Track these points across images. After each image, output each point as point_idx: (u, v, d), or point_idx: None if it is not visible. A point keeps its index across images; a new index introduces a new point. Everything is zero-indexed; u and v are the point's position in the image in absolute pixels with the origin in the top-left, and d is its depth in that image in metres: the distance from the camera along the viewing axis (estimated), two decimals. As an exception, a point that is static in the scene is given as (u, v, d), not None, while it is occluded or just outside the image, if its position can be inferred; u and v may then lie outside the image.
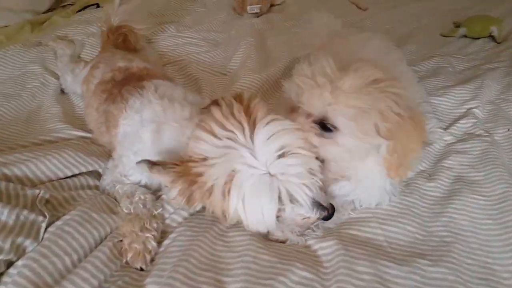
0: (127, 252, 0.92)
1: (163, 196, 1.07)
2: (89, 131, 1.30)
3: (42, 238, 0.92)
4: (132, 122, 1.06)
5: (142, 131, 1.02)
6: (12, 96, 1.48)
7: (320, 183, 0.87)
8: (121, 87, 1.16)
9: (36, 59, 1.66)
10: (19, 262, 0.85)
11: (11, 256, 0.87)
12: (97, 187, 1.14)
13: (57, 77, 1.59)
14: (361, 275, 0.87)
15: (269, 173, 0.81)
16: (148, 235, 0.95)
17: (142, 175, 1.07)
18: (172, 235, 0.98)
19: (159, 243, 0.97)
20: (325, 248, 0.95)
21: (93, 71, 1.35)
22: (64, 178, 1.12)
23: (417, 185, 1.13)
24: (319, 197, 0.87)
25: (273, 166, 0.81)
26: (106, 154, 1.22)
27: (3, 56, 1.65)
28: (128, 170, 1.07)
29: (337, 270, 0.89)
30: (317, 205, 0.87)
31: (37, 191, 1.02)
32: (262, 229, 0.89)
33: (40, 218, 0.96)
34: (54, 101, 1.46)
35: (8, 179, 1.05)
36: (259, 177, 0.80)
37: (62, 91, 1.56)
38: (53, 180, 1.10)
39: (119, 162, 1.09)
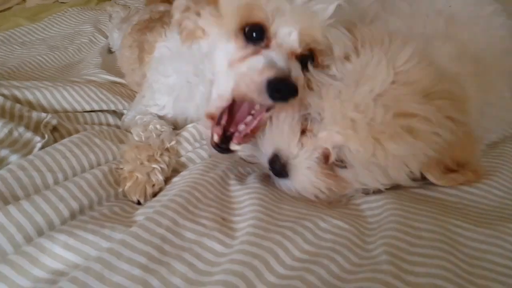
0: (126, 180, 0.76)
1: (184, 133, 0.90)
2: (124, 78, 1.20)
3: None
4: (173, 41, 0.93)
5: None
6: (59, 48, 1.44)
7: None
8: (160, 20, 1.07)
9: (90, 20, 1.64)
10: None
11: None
12: (117, 127, 1.00)
13: (106, 37, 1.54)
14: (420, 232, 0.62)
15: None
16: (155, 166, 0.78)
17: (169, 102, 0.92)
18: (184, 172, 0.80)
19: (167, 179, 0.80)
20: (371, 202, 0.71)
21: (133, 17, 1.26)
22: (82, 112, 1.01)
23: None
24: None
25: None
26: (133, 96, 1.10)
27: (61, 16, 1.65)
28: (156, 96, 0.94)
29: (385, 224, 0.65)
30: None
31: (44, 115, 0.91)
32: None
33: (38, 138, 0.83)
34: (98, 54, 1.39)
35: (18, 101, 0.95)
36: None
37: (110, 51, 1.50)
38: (69, 112, 0.99)
39: (147, 90, 0.97)
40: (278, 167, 0.71)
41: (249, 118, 0.70)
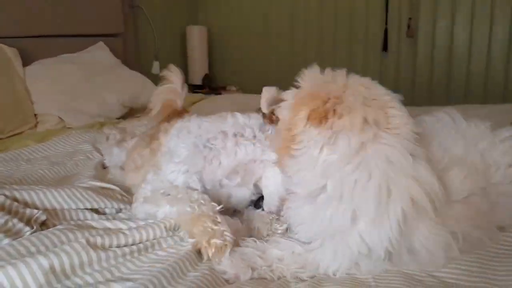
0: (208, 249, 0.92)
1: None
2: (112, 184, 1.42)
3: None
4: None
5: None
6: (59, 164, 1.70)
7: None
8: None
9: (89, 140, 1.93)
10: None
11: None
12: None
13: (102, 154, 1.80)
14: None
15: None
16: (223, 228, 0.95)
17: (180, 178, 1.14)
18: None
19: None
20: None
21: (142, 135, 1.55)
22: (68, 209, 1.21)
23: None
24: None
25: None
26: (117, 198, 1.31)
27: (64, 137, 1.96)
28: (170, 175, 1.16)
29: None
30: None
31: (36, 211, 1.12)
32: None
33: (27, 228, 1.03)
34: (92, 168, 1.64)
35: (16, 200, 1.17)
36: None
37: (104, 167, 1.75)
38: (57, 209, 1.20)
39: (162, 172, 1.19)
40: None
41: None
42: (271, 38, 3.82)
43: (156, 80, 2.96)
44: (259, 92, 1.12)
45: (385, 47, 3.35)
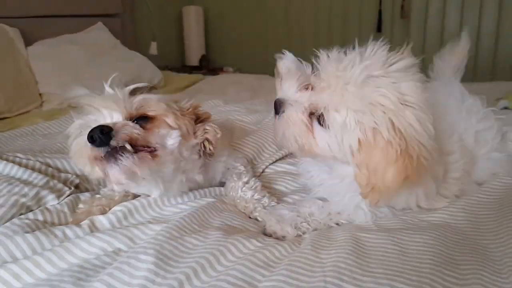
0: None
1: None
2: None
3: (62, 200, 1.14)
4: None
5: None
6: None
7: None
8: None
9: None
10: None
11: (32, 203, 1.08)
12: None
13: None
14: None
15: None
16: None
17: None
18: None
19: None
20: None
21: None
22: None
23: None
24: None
25: None
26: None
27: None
28: None
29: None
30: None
31: (70, 175, 1.28)
32: None
33: (66, 188, 1.19)
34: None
35: (49, 166, 1.32)
36: None
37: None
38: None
39: None
40: (278, 105, 1.03)
41: None
42: (267, 18, 3.96)
43: (154, 61, 3.11)
44: (256, 72, 1.19)
45: (379, 28, 3.52)
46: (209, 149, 1.15)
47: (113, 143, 0.93)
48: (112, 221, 1.03)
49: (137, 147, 0.97)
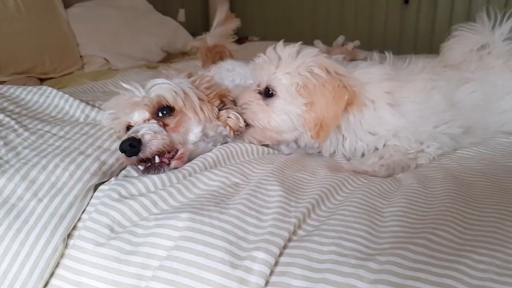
0: None
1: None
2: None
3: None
4: None
5: None
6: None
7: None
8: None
9: (155, 76, 2.14)
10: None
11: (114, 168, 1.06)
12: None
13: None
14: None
15: None
16: None
17: None
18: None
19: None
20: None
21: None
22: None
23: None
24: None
25: None
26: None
27: (129, 73, 2.18)
28: None
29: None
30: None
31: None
32: None
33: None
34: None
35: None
36: None
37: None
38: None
39: None
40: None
41: None
42: (292, -12, 3.99)
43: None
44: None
45: (406, 0, 3.57)
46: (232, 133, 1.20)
47: (141, 155, 1.02)
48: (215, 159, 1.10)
49: (163, 156, 1.06)
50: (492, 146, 1.26)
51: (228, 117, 1.20)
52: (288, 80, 1.16)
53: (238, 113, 1.20)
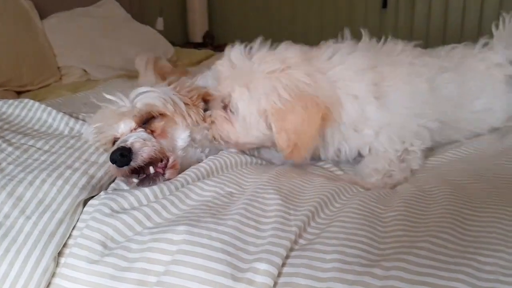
0: None
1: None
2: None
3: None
4: None
5: None
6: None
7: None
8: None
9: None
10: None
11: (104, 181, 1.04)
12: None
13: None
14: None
15: None
16: None
17: None
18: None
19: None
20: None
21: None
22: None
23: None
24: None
25: None
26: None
27: (110, 84, 2.14)
28: None
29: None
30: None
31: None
32: None
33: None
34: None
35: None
36: None
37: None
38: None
39: None
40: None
41: None
42: (271, -5, 4.00)
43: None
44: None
45: (384, 4, 3.62)
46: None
47: (133, 163, 1.00)
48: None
49: (156, 164, 1.04)
50: (480, 146, 1.27)
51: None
52: (247, 104, 1.08)
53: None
